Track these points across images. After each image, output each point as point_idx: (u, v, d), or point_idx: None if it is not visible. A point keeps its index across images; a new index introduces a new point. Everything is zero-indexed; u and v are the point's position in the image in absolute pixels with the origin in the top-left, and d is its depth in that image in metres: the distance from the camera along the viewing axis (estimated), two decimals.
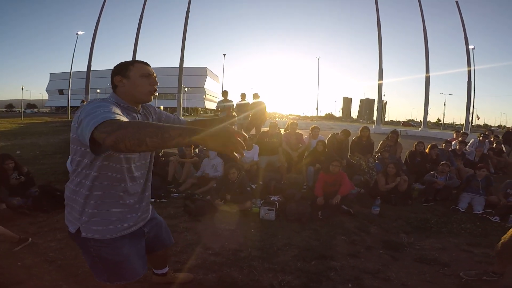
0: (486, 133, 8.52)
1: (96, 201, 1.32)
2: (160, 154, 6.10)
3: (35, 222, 3.44)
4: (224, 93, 8.69)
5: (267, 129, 5.93)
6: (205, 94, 73.91)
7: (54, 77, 73.67)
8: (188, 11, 19.98)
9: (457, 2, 22.85)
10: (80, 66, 32.02)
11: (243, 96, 8.16)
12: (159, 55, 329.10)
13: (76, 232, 1.33)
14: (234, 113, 2.25)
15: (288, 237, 3.24)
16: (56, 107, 71.62)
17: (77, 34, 28.72)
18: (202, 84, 73.44)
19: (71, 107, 30.66)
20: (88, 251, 1.36)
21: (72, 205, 1.35)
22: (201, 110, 73.73)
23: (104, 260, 1.37)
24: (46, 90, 77.19)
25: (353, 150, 6.13)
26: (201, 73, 73.80)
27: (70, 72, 29.18)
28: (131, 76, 1.35)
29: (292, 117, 68.80)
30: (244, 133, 0.96)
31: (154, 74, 1.41)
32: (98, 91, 48.02)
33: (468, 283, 2.45)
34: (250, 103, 8.04)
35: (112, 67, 1.38)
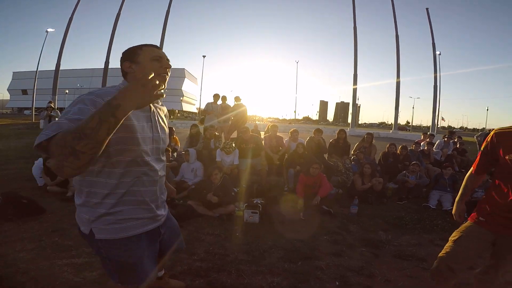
0: (447, 135, 9.09)
1: (115, 200, 1.26)
2: None
3: (0, 232, 3.21)
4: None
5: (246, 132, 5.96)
6: (183, 96, 72.67)
7: (17, 76, 69.02)
8: (168, 11, 19.64)
9: (427, 9, 24.35)
10: (46, 65, 30.38)
11: (224, 98, 8.11)
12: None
13: (89, 234, 1.29)
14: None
15: (273, 239, 3.27)
16: (18, 108, 67.20)
17: (46, 31, 27.32)
18: (180, 86, 72.03)
19: (35, 108, 28.91)
20: (99, 253, 1.33)
21: (82, 205, 1.30)
22: (178, 113, 72.56)
23: (113, 262, 1.33)
24: (7, 89, 72.24)
25: (331, 152, 6.32)
26: (179, 74, 72.05)
27: (37, 71, 27.59)
28: (140, 61, 1.29)
29: (271, 120, 69.56)
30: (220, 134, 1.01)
31: (166, 57, 1.35)
32: (67, 91, 45.71)
33: None
34: (231, 105, 8.01)
35: (83, 67, 1.34)
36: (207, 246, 3.06)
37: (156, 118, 1.39)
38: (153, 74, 0.96)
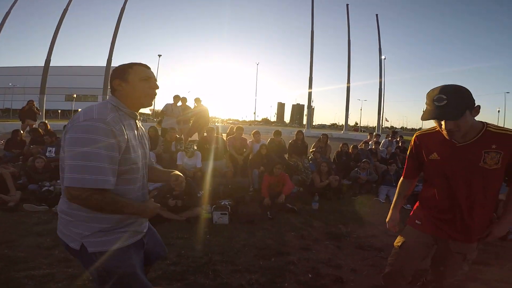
0: (391, 135, 10.06)
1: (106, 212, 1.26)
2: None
3: None
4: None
5: (208, 134, 5.96)
6: None
7: None
8: (123, 8, 18.52)
9: (376, 15, 26.44)
10: None
11: (184, 100, 7.95)
12: (83, 53, 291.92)
13: (80, 249, 1.25)
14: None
15: (244, 239, 3.37)
16: None
17: None
18: None
19: None
20: (94, 267, 1.28)
21: (72, 220, 1.26)
22: None
23: (111, 274, 1.29)
24: None
25: (290, 152, 6.61)
26: None
27: None
28: (130, 80, 1.33)
29: (231, 121, 69.22)
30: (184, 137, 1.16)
31: (155, 78, 1.41)
32: None
33: None
34: (192, 107, 7.89)
35: (17, 65, 1.34)
36: (179, 250, 3.05)
37: (141, 134, 1.48)
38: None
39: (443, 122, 1.48)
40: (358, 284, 2.47)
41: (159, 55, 45.29)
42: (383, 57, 26.79)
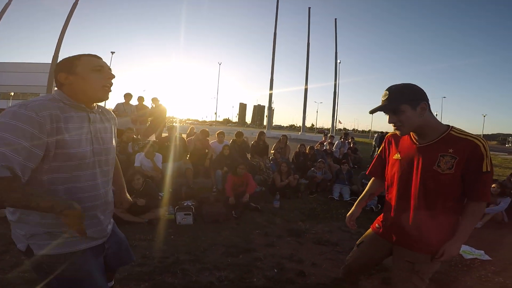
0: (343, 136, 10.80)
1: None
2: None
3: None
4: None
5: (166, 134, 5.86)
6: None
7: None
8: (76, 3, 17.03)
9: (335, 20, 27.74)
10: None
11: (141, 99, 7.65)
12: (24, 49, 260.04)
13: (26, 251, 1.20)
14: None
15: (211, 238, 3.43)
16: None
17: None
18: None
19: None
20: (41, 270, 1.22)
21: (17, 222, 1.20)
22: None
23: (59, 279, 1.21)
24: None
25: (253, 152, 6.77)
26: None
27: None
28: (78, 72, 1.21)
29: (190, 121, 67.35)
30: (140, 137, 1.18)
31: (108, 67, 1.30)
32: None
33: None
34: (149, 107, 7.64)
35: None
36: (143, 251, 3.01)
37: (99, 129, 1.35)
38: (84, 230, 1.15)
39: (387, 117, 1.54)
40: (319, 277, 2.68)
41: (112, 52, 41.82)
42: (338, 61, 28.40)
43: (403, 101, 1.46)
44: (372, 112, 1.59)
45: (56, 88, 1.27)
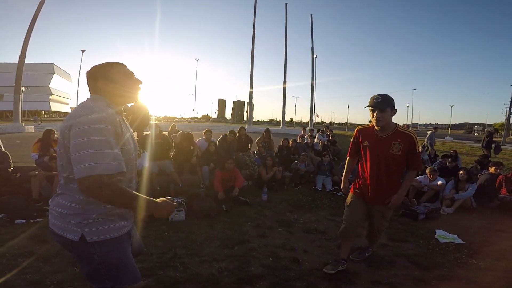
0: (324, 129, 11.14)
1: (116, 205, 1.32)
2: (11, 169, 4.98)
3: None
4: None
5: (148, 132, 5.82)
6: (51, 94, 61.45)
7: None
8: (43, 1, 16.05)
9: (311, 15, 28.11)
10: None
11: None
12: None
13: (80, 239, 1.28)
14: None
15: (204, 232, 3.54)
16: None
17: None
18: (47, 83, 61.25)
19: None
20: (91, 258, 1.31)
21: (68, 212, 1.29)
22: (45, 114, 60.68)
23: (108, 264, 1.34)
24: None
25: (236, 148, 6.87)
26: (46, 70, 61.54)
27: None
28: (114, 78, 1.37)
29: (168, 118, 65.95)
30: None
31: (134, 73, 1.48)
32: None
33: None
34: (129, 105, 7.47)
35: None
36: None
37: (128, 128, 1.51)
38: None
39: (375, 113, 2.36)
40: (312, 263, 2.87)
41: (83, 50, 39.76)
42: (315, 55, 28.96)
43: (388, 104, 2.36)
44: (369, 106, 2.40)
45: (93, 94, 1.39)
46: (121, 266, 1.40)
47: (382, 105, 2.32)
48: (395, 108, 2.40)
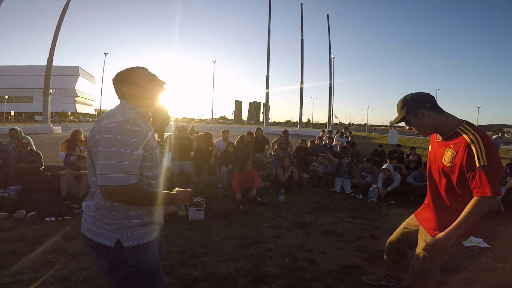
0: (343, 131, 11.01)
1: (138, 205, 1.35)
2: (42, 168, 5.28)
3: None
4: None
5: (169, 133, 6.00)
6: (76, 96, 64.64)
7: None
8: (67, 5, 16.87)
9: (327, 15, 27.83)
10: None
11: None
12: (16, 52, 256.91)
13: (115, 245, 1.30)
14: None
15: (222, 231, 3.61)
16: None
17: None
18: (73, 85, 64.36)
19: None
20: (126, 262, 1.33)
21: (104, 217, 1.32)
22: (71, 115, 63.62)
23: (141, 268, 1.35)
24: None
25: (254, 149, 6.94)
26: (72, 72, 64.55)
27: None
28: (139, 83, 1.39)
29: (186, 120, 67.53)
30: None
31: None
32: None
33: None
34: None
35: None
36: None
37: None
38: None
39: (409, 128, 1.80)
40: (329, 265, 2.87)
41: (105, 53, 41.35)
42: (332, 56, 28.60)
43: (405, 112, 1.71)
44: (392, 123, 1.93)
45: (121, 100, 1.42)
46: (154, 269, 1.42)
47: (400, 116, 1.74)
48: (420, 107, 1.66)
